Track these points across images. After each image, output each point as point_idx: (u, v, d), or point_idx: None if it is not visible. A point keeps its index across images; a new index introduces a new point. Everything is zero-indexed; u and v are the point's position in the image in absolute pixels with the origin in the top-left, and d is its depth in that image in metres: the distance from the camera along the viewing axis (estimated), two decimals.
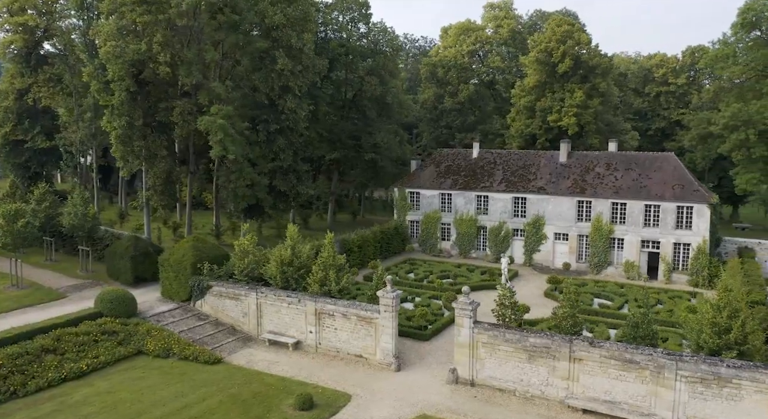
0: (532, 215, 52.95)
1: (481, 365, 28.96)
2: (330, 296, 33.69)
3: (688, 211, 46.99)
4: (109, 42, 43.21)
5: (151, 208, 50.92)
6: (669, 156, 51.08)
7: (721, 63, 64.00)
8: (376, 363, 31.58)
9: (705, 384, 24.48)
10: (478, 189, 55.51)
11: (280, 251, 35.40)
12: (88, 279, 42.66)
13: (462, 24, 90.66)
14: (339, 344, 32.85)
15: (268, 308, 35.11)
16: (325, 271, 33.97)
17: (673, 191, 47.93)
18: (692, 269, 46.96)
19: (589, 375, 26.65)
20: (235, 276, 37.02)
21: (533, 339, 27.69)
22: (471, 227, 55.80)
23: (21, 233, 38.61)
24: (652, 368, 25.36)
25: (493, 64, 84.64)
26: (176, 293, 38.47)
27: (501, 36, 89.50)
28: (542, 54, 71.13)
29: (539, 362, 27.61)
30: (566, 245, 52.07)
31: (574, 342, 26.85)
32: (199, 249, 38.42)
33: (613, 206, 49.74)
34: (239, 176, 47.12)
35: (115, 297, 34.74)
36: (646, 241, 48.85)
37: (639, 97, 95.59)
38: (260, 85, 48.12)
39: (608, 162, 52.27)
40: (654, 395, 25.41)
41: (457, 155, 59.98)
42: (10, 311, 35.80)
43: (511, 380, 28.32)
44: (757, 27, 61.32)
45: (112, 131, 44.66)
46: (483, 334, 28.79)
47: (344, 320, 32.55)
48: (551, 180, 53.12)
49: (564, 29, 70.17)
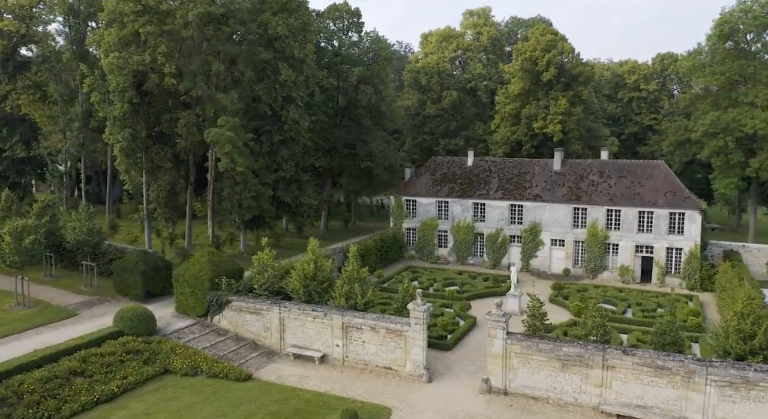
0: (529, 221, 54.36)
1: (514, 374, 29.85)
2: (356, 309, 34.01)
3: (680, 217, 49.16)
4: (112, 53, 42.46)
5: (151, 219, 50.01)
6: (659, 164, 53.28)
7: (698, 72, 67.02)
8: (406, 375, 32.12)
9: (734, 388, 25.96)
10: (475, 197, 56.63)
11: (303, 265, 35.51)
12: (95, 296, 41.75)
13: (443, 31, 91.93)
14: (367, 357, 33.24)
15: (291, 323, 35.20)
16: (350, 284, 34.27)
17: (665, 197, 50.04)
18: (685, 273, 49.16)
19: (621, 382, 27.84)
20: (255, 291, 36.94)
21: (566, 349, 28.73)
22: (468, 234, 56.87)
23: (29, 251, 37.56)
24: (683, 373, 26.71)
25: (475, 71, 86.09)
26: (192, 308, 38.10)
27: (481, 43, 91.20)
28: (527, 62, 72.95)
29: (572, 370, 28.67)
30: (563, 251, 53.67)
31: (608, 350, 28.01)
32: (215, 264, 38.17)
33: (608, 213, 51.58)
34: (244, 188, 46.88)
35: (136, 315, 34.27)
36: (640, 246, 50.83)
37: (612, 103, 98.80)
38: (263, 95, 48.00)
39: (601, 170, 54.13)
40: (685, 399, 26.77)
41: (452, 163, 60.99)
42: (24, 332, 34.86)
43: (544, 388, 29.30)
44: (731, 38, 64.47)
45: (115, 144, 43.83)
46: (516, 345, 29.69)
47: (373, 333, 32.96)
48: (547, 188, 54.65)
49: (548, 39, 72.15)
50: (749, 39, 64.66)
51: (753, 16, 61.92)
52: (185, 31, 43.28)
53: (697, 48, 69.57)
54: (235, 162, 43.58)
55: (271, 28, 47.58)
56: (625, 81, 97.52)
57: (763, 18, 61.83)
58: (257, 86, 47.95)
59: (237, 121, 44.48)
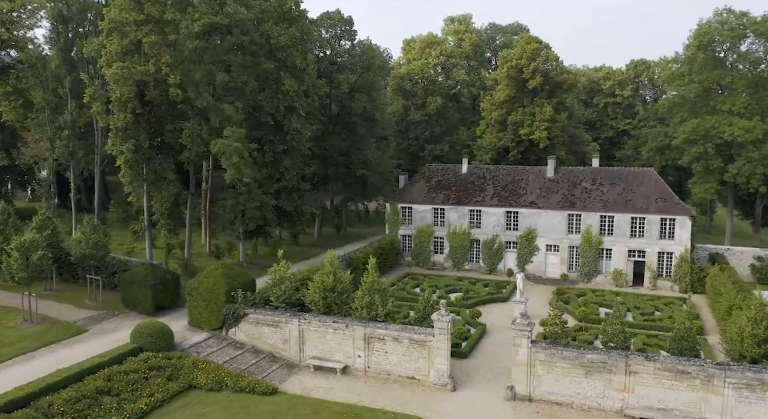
0: (525, 228, 55.64)
1: (539, 381, 30.80)
2: (376, 320, 34.44)
3: (671, 222, 51.14)
4: (115, 63, 41.85)
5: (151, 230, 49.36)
6: (650, 171, 55.27)
7: (678, 80, 69.67)
8: (429, 384, 32.74)
9: (750, 389, 27.46)
10: (471, 204, 57.66)
11: (322, 277, 35.76)
12: (101, 310, 41.07)
13: (426, 37, 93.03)
14: (390, 367, 33.74)
15: (311, 334, 35.42)
16: (370, 295, 34.69)
17: (657, 204, 51.99)
18: (676, 276, 51.16)
19: (643, 386, 29.09)
20: (272, 303, 37.01)
21: (590, 356, 29.84)
22: (464, 240, 57.85)
23: (36, 267, 36.77)
24: (703, 377, 28.11)
25: (459, 78, 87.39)
26: (207, 321, 37.92)
27: (464, 50, 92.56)
28: (513, 70, 74.51)
29: (596, 376, 29.79)
30: (557, 256, 55.13)
31: (630, 356, 29.22)
32: (229, 276, 38.07)
33: (601, 219, 53.23)
34: (248, 198, 46.76)
35: (155, 331, 34.00)
36: (632, 251, 52.64)
37: (588, 108, 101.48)
38: (266, 105, 47.96)
39: (593, 177, 55.82)
40: (704, 401, 28.17)
41: (446, 171, 61.90)
42: (38, 350, 34.19)
43: (568, 394, 30.34)
44: (709, 48, 67.22)
45: (119, 155, 43.18)
46: (541, 352, 30.65)
47: (396, 343, 33.48)
48: (541, 195, 56.05)
49: (533, 47, 73.82)
50: (726, 49, 67.56)
51: (730, 27, 64.77)
52: (190, 42, 42.93)
53: (675, 57, 72.44)
54: (242, 173, 43.45)
55: (274, 38, 47.60)
56: (600, 87, 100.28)
57: (740, 30, 64.78)
58: (259, 96, 47.87)
59: (243, 131, 44.38)
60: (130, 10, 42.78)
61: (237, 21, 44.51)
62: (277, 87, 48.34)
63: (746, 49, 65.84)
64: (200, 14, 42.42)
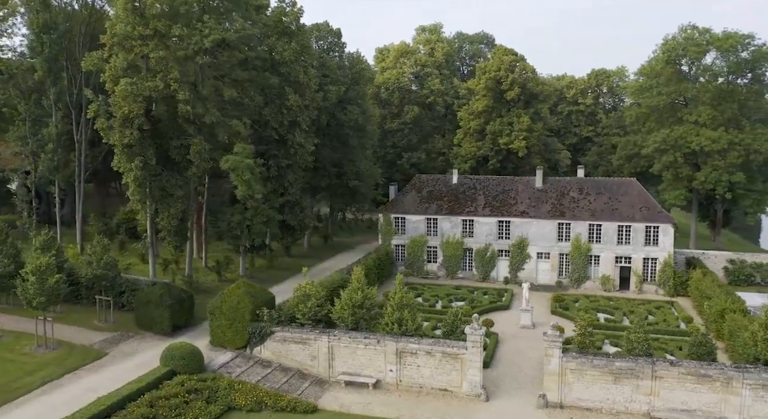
0: (516, 236, 57.75)
1: (569, 389, 32.53)
2: (406, 334, 35.38)
3: (655, 230, 54.34)
4: (123, 78, 41.14)
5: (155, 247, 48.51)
6: (632, 181, 58.43)
7: (646, 92, 73.72)
8: (462, 395, 33.94)
9: (765, 389, 30.04)
10: (464, 214, 59.34)
11: (350, 294, 36.42)
12: (115, 331, 40.23)
13: (400, 47, 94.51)
14: (422, 380, 34.74)
15: (341, 351, 35.99)
16: (399, 311, 35.61)
17: (641, 212, 55.10)
18: (660, 280, 54.36)
19: (668, 390, 31.25)
20: (298, 320, 37.36)
21: (619, 363, 31.80)
22: (458, 249, 59.45)
23: (53, 291, 35.78)
24: (723, 379, 30.52)
25: (434, 87, 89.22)
26: (230, 340, 37.86)
27: (436, 59, 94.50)
28: (491, 81, 76.86)
29: (624, 382, 31.77)
30: (548, 263, 57.52)
31: (657, 363, 31.35)
32: (253, 295, 38.16)
33: (590, 227, 55.93)
34: (255, 214, 46.74)
35: (187, 353, 33.81)
36: (619, 257, 55.58)
37: (553, 116, 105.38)
38: (271, 120, 48.05)
39: (580, 187, 58.53)
40: (724, 401, 30.58)
41: (437, 181, 63.37)
42: (63, 378, 33.38)
43: (597, 400, 32.20)
44: (675, 62, 71.50)
45: (127, 173, 42.39)
46: (572, 362, 32.39)
47: (428, 357, 34.52)
48: (531, 204, 58.32)
49: (510, 59, 76.40)
50: (690, 63, 72.01)
51: (695, 43, 69.13)
52: (200, 57, 42.63)
53: (641, 69, 76.60)
54: (253, 189, 43.48)
55: (278, 53, 47.76)
56: (564, 95, 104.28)
57: (704, 45, 69.24)
58: (264, 111, 47.91)
59: (252, 147, 44.40)
60: (136, 25, 42.17)
61: (244, 36, 44.50)
62: (281, 102, 48.49)
63: (710, 63, 70.38)
64: (210, 30, 42.18)
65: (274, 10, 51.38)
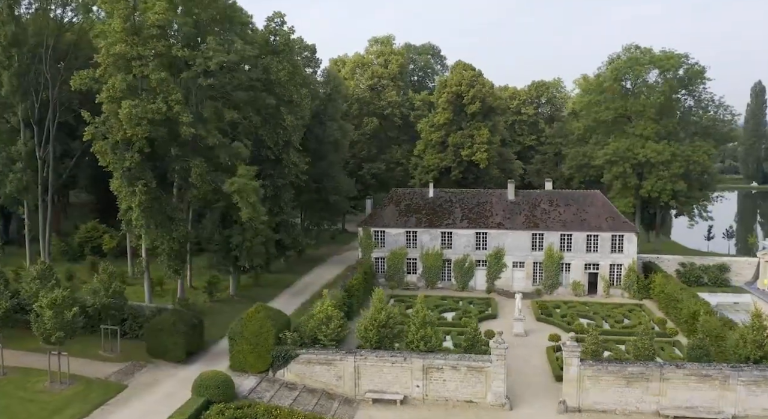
0: (493, 247, 60.80)
1: (586, 394, 35.44)
2: (431, 351, 37.07)
3: (620, 238, 59.05)
4: (124, 100, 40.18)
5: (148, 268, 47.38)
6: (596, 194, 63.03)
7: (595, 107, 79.38)
8: (487, 406, 36.07)
9: (756, 385, 34.24)
10: (443, 226, 61.72)
11: (375, 314, 37.66)
12: (125, 361, 39.19)
13: (355, 59, 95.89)
14: (447, 393, 36.57)
15: (367, 369, 37.14)
16: (423, 329, 37.26)
17: (607, 222, 59.68)
18: (625, 285, 59.11)
19: (674, 390, 34.83)
20: (321, 341, 38.11)
21: (631, 368, 35.08)
22: (437, 260, 61.74)
23: (71, 325, 34.59)
24: (721, 378, 34.45)
25: (391, 99, 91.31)
26: (252, 365, 38.02)
27: (391, 71, 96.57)
28: (452, 95, 79.98)
29: (635, 385, 35.06)
30: (523, 272, 60.98)
31: (664, 366, 34.88)
32: (273, 318, 38.52)
33: (561, 237, 59.88)
34: (254, 235, 46.81)
35: (221, 382, 33.83)
36: (588, 264, 59.87)
37: None
38: (267, 140, 48.25)
39: (550, 199, 62.42)
40: (721, 397, 34.51)
41: (413, 195, 65.36)
42: (93, 414, 32.55)
43: (611, 402, 35.32)
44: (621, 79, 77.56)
45: (130, 197, 41.35)
46: (589, 369, 35.32)
47: (453, 371, 36.40)
48: (506, 216, 61.58)
49: (470, 75, 79.84)
50: (634, 80, 78.28)
51: (640, 63, 75.34)
52: (203, 79, 42.31)
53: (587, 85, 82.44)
54: (258, 211, 43.63)
55: (273, 74, 48.05)
56: (508, 105, 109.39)
57: (647, 65, 75.58)
58: (260, 131, 48.02)
59: (255, 168, 44.51)
60: (135, 45, 41.31)
61: (245, 58, 44.58)
62: (275, 121, 48.80)
63: (653, 81, 76.88)
64: (213, 52, 41.98)
65: (263, 29, 51.50)
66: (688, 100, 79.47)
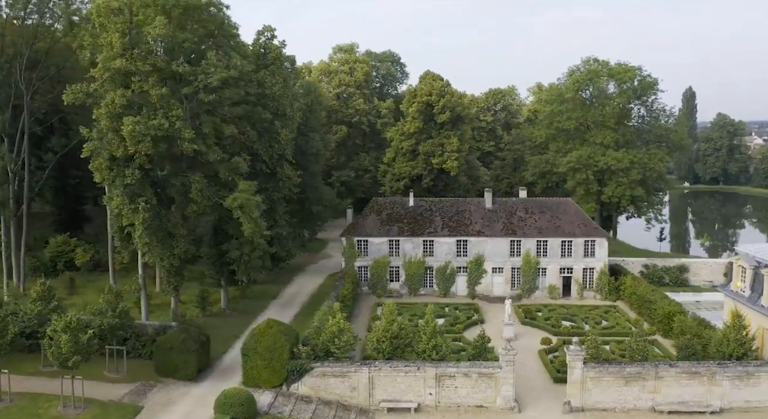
0: (474, 254, 63.06)
1: (589, 394, 37.92)
2: (442, 359, 38.62)
3: (592, 243, 62.55)
4: (127, 117, 39.70)
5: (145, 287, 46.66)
6: (568, 201, 66.41)
7: (557, 116, 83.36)
8: (497, 409, 37.99)
9: (739, 379, 37.68)
10: (425, 235, 63.47)
11: (387, 326, 38.84)
12: (134, 382, 38.69)
13: (321, 66, 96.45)
14: (458, 399, 38.23)
15: (381, 380, 38.30)
16: (434, 338, 38.77)
17: (580, 228, 63.06)
18: (597, 287, 62.67)
19: (667, 387, 37.81)
20: (335, 354, 38.92)
21: (629, 369, 37.82)
22: (420, 268, 63.44)
23: (86, 348, 34.02)
24: (708, 374, 37.69)
25: (358, 107, 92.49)
26: (266, 380, 38.42)
27: (357, 79, 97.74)
28: (422, 105, 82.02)
29: (633, 384, 37.83)
30: (502, 277, 63.55)
31: (659, 366, 37.81)
32: (286, 333, 39.05)
33: (537, 243, 62.82)
34: (252, 249, 46.98)
35: (244, 399, 34.25)
36: (563, 268, 63.08)
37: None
38: (263, 154, 48.51)
39: (525, 207, 65.27)
40: (709, 392, 37.76)
41: (394, 204, 66.77)
42: None
43: (611, 401, 37.96)
44: (581, 90, 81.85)
45: (133, 214, 40.79)
46: (591, 371, 37.81)
47: (465, 378, 38.10)
48: (485, 224, 63.98)
49: (440, 85, 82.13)
50: (592, 91, 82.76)
51: (599, 75, 79.81)
52: (204, 95, 42.24)
53: (548, 97, 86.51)
54: (260, 226, 43.94)
55: (268, 88, 48.37)
56: (475, 114, 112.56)
57: (605, 77, 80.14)
58: (256, 145, 48.21)
59: (255, 183, 44.77)
60: (134, 59, 40.85)
61: (243, 73, 44.78)
62: (270, 135, 49.12)
63: (611, 91, 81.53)
64: (215, 68, 42.02)
65: (253, 43, 51.66)
66: (641, 110, 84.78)
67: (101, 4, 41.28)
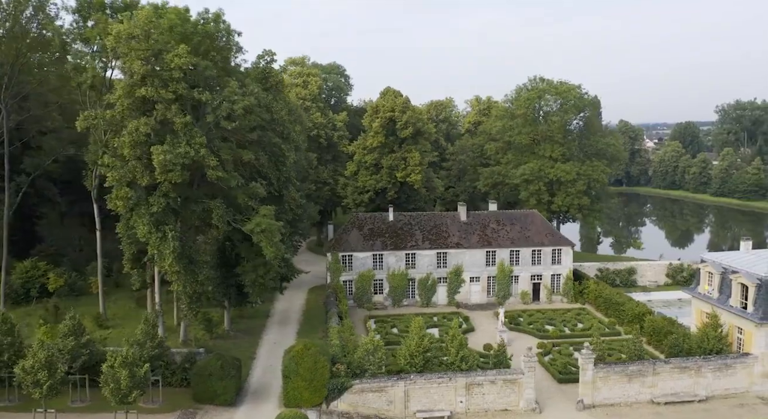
0: (453, 265, 66.92)
1: (598, 392, 42.62)
2: (470, 369, 41.84)
3: (559, 252, 68.33)
4: (156, 147, 39.76)
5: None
6: (534, 213, 71.86)
7: (509, 131, 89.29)
8: (520, 412, 41.77)
9: (719, 370, 43.88)
10: (408, 248, 66.50)
11: (418, 341, 41.49)
12: (173, 410, 38.73)
13: None
14: (486, 405, 41.64)
15: (416, 392, 40.91)
16: (462, 350, 41.92)
17: (547, 238, 68.66)
18: (563, 291, 68.53)
19: (662, 381, 43.29)
20: (371, 370, 41.03)
21: (632, 367, 42.92)
22: (403, 280, 66.40)
23: (145, 381, 34.06)
24: (695, 368, 43.57)
25: (316, 120, 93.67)
26: (307, 400, 39.86)
27: (311, 92, 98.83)
28: (385, 120, 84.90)
29: (634, 380, 42.96)
30: (479, 285, 67.86)
31: (656, 363, 43.19)
32: (324, 353, 40.63)
33: (511, 253, 67.72)
34: (267, 271, 47.92)
35: None
36: (533, 275, 68.38)
37: None
38: (272, 177, 49.48)
39: (497, 219, 69.99)
40: (695, 383, 43.66)
41: (375, 219, 69.18)
42: None
43: (616, 397, 42.88)
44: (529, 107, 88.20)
45: (157, 243, 40.71)
46: (601, 371, 42.51)
47: (491, 385, 41.56)
48: (462, 236, 68.01)
49: (402, 101, 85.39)
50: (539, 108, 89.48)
51: (546, 93, 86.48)
52: (226, 123, 42.88)
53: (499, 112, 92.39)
54: (280, 250, 45.09)
55: (276, 113, 49.44)
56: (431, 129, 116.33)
57: (552, 95, 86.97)
58: (265, 169, 49.08)
59: (274, 207, 45.84)
60: (156, 87, 40.91)
61: (260, 100, 45.77)
62: (277, 159, 50.18)
63: (556, 108, 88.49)
64: (238, 96, 42.83)
65: (252, 67, 52.38)
66: (581, 126, 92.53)
67: (122, 30, 40.86)
